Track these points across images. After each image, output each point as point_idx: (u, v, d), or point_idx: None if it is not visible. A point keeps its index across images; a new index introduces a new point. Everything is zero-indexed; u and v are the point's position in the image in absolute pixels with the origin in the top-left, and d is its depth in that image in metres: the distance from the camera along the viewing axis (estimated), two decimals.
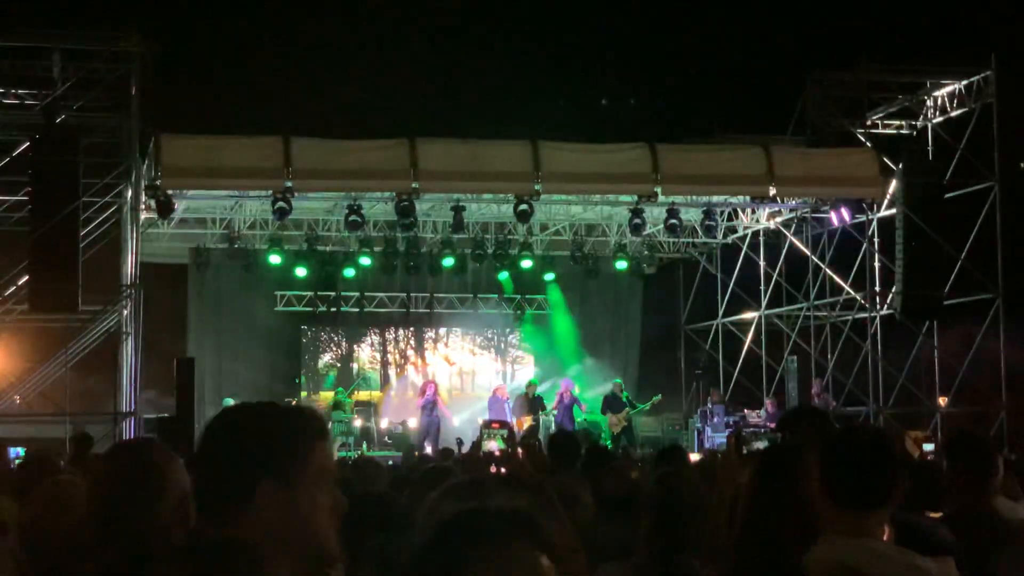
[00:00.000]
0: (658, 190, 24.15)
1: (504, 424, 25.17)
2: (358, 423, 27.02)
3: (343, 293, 30.35)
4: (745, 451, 6.01)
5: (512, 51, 32.35)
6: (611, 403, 27.42)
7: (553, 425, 26.01)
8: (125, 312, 23.50)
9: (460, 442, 21.09)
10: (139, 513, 3.43)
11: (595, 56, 34.13)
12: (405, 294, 31.13)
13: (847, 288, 27.13)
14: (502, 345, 31.57)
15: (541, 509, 3.56)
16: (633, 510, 5.64)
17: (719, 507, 5.31)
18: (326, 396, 28.90)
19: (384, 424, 28.62)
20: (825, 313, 27.91)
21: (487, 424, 25.90)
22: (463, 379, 31.27)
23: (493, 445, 19.07)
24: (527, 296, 31.67)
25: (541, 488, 4.54)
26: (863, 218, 26.44)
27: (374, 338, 31.56)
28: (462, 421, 27.80)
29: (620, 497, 6.85)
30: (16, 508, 5.03)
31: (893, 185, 25.80)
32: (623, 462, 11.85)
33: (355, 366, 31.20)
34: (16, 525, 4.51)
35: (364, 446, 26.37)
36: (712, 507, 5.30)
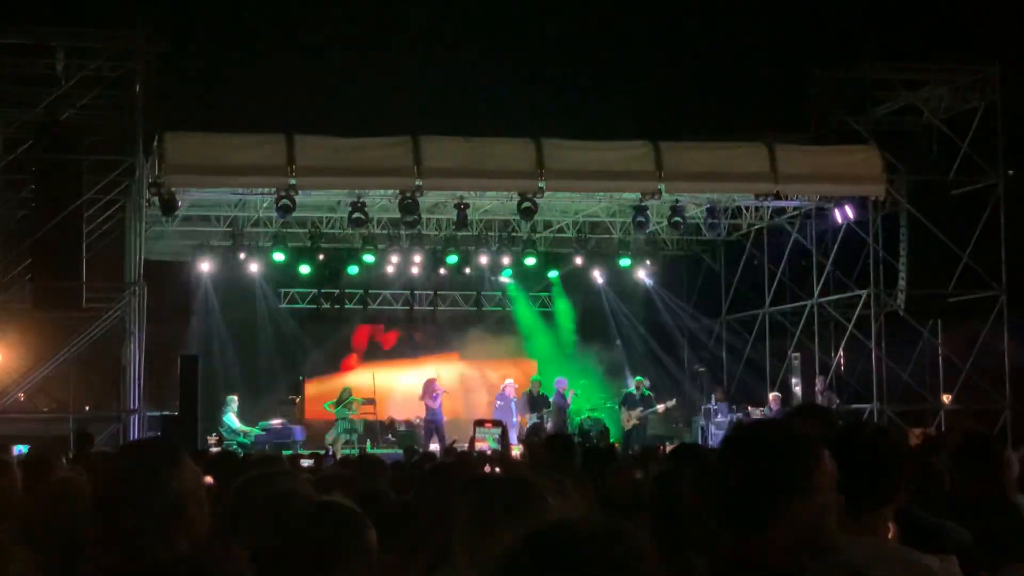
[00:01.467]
0: (662, 187, 24.13)
1: (497, 423, 25.19)
2: (363, 420, 27.03)
3: (347, 290, 30.37)
4: None
5: (515, 48, 32.34)
6: (628, 400, 27.51)
7: (550, 424, 26.08)
8: (129, 310, 23.50)
9: (455, 446, 21.09)
10: (135, 514, 3.42)
11: (598, 53, 34.11)
12: (409, 291, 31.14)
13: (851, 285, 27.10)
14: (506, 342, 31.52)
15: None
16: (634, 510, 5.62)
17: None
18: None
19: (389, 421, 28.64)
20: (829, 310, 27.88)
21: (480, 423, 25.94)
22: (469, 377, 31.22)
23: (485, 445, 19.05)
24: (531, 293, 31.67)
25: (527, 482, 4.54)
26: (867, 215, 26.40)
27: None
28: (466, 419, 27.83)
29: (623, 498, 6.84)
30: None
31: (897, 182, 25.77)
32: (626, 462, 11.81)
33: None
34: (19, 521, 4.50)
35: (368, 443, 26.39)
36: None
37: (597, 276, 30.98)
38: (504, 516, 3.47)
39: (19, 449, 14.84)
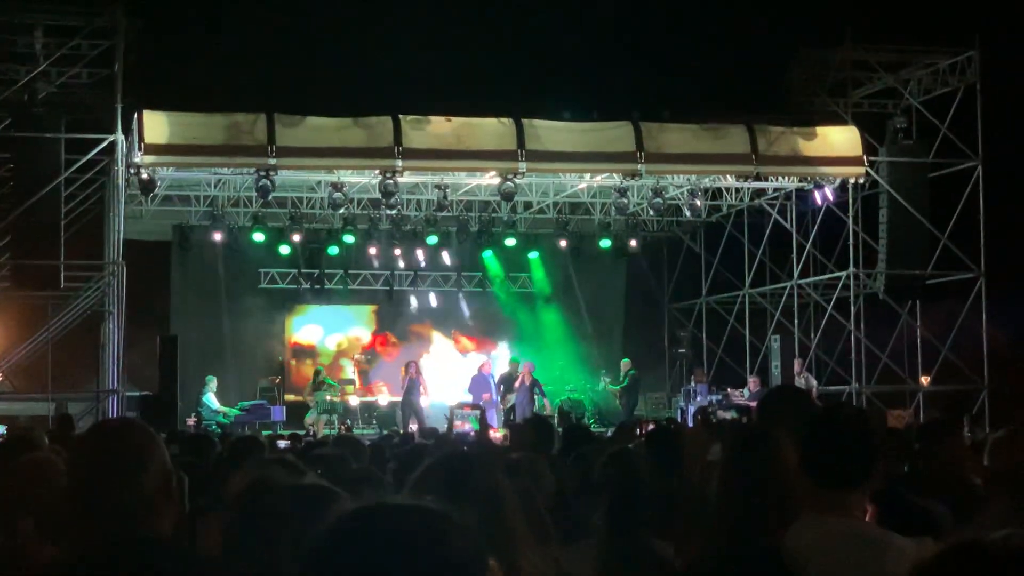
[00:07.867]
0: (642, 168, 24.13)
1: (475, 407, 25.17)
2: (342, 400, 27.01)
3: (327, 271, 30.33)
4: (713, 420, 6.00)
5: (496, 28, 32.23)
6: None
7: (515, 407, 25.88)
8: (108, 289, 23.41)
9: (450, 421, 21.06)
10: (122, 491, 3.39)
11: (579, 33, 34.04)
12: (389, 272, 31.08)
13: (830, 267, 27.16)
14: (484, 323, 31.52)
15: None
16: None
17: (687, 484, 5.29)
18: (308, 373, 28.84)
19: (370, 402, 28.61)
20: (809, 292, 27.95)
21: (459, 405, 25.92)
22: (447, 356, 31.21)
23: (467, 427, 19.06)
24: (511, 274, 31.65)
25: (517, 468, 4.53)
26: (847, 197, 26.44)
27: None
28: (442, 399, 27.80)
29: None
30: None
31: (877, 164, 25.82)
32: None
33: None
34: None
35: (348, 423, 26.37)
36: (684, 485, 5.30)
37: (577, 257, 30.93)
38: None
39: None
